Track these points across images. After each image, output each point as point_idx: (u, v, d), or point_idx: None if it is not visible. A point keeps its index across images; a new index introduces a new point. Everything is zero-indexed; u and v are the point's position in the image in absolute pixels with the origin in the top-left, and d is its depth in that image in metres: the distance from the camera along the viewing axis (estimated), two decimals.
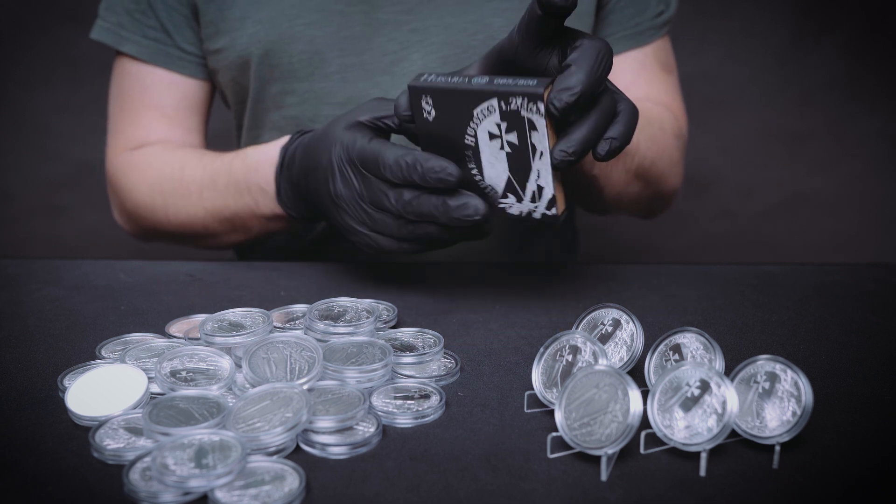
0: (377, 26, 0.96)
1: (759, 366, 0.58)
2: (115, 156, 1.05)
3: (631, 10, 1.02)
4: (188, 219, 0.96)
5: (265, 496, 0.52)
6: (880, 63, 1.97)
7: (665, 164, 0.97)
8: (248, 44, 0.97)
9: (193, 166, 0.95)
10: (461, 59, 0.96)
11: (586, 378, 0.57)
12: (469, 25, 0.96)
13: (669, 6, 1.05)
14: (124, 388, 0.62)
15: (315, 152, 0.77)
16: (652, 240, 2.02)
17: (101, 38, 1.03)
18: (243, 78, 1.00)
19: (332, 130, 0.75)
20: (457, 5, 0.96)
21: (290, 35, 0.96)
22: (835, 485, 0.54)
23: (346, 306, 0.72)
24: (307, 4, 0.95)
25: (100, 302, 0.80)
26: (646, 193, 0.97)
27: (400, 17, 0.96)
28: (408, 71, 0.97)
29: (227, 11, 0.97)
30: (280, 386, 0.60)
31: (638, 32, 1.03)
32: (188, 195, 0.94)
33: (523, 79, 0.64)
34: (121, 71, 1.05)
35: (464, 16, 0.96)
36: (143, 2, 1.00)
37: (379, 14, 0.96)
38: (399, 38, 0.96)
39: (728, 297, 0.82)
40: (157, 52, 1.01)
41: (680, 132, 1.03)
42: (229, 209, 0.91)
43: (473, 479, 0.54)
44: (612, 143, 0.67)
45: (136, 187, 1.00)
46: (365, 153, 0.71)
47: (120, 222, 1.08)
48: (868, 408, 0.63)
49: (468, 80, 0.66)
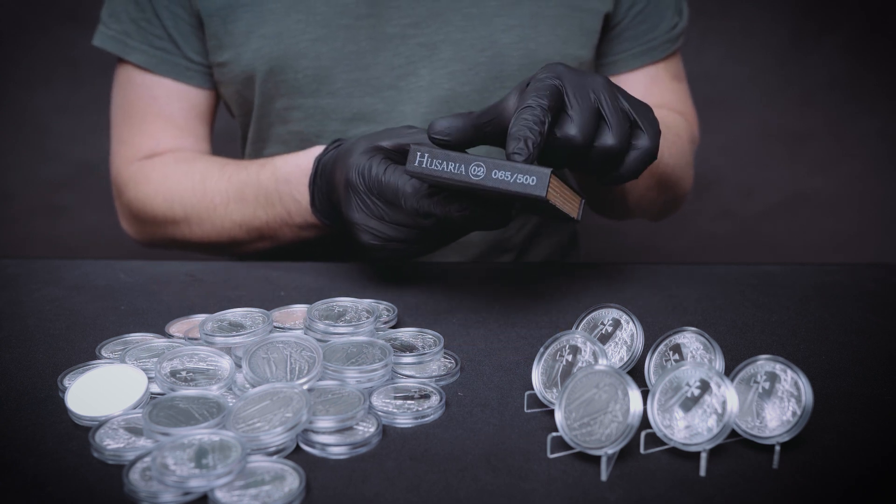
0: (384, 40, 0.96)
1: (759, 366, 0.58)
2: (124, 166, 1.03)
3: (645, 27, 1.03)
4: (214, 231, 0.95)
5: (265, 496, 0.52)
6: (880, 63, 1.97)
7: (681, 170, 0.99)
8: (253, 59, 0.96)
9: (216, 178, 0.94)
10: (468, 75, 0.96)
11: (586, 378, 0.57)
12: (477, 42, 0.96)
13: (682, 17, 1.05)
14: (124, 388, 0.62)
15: (334, 172, 0.77)
16: (652, 240, 2.02)
17: (105, 45, 1.01)
18: (248, 92, 0.99)
19: (353, 152, 0.75)
20: (465, 21, 0.96)
21: (295, 51, 0.95)
22: (835, 485, 0.54)
23: (346, 306, 0.72)
24: (313, 19, 0.94)
25: (100, 302, 0.80)
26: (662, 198, 0.99)
27: (407, 31, 0.96)
28: (414, 86, 0.97)
29: (231, 25, 0.96)
30: (280, 386, 0.60)
31: (652, 48, 1.04)
32: (213, 208, 0.93)
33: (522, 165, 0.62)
34: (126, 80, 1.02)
35: (472, 31, 0.96)
36: (148, 10, 0.98)
37: (386, 28, 0.95)
38: (406, 53, 0.96)
39: (728, 297, 0.82)
40: (165, 62, 1.00)
41: (693, 137, 1.05)
42: (259, 220, 0.90)
43: (473, 479, 0.54)
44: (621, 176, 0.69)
45: (151, 200, 0.98)
46: (381, 184, 0.71)
47: (129, 231, 1.06)
48: (868, 408, 0.63)
49: (464, 167, 0.63)
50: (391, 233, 0.73)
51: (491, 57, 0.96)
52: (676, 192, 1.01)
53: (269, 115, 1.00)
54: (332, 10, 0.94)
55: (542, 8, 0.96)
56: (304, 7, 0.94)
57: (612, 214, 1.03)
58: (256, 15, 0.95)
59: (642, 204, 0.97)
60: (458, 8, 0.95)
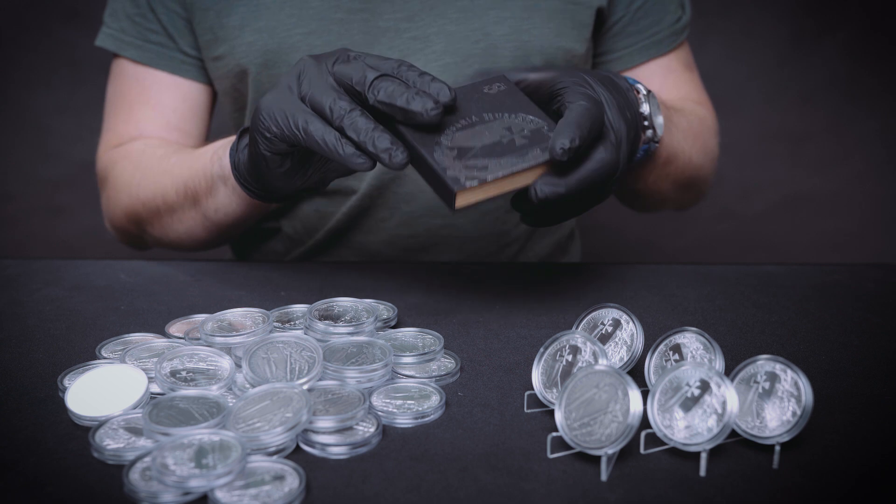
0: (377, 34, 0.96)
1: (759, 366, 0.58)
2: (103, 152, 1.03)
3: (648, 21, 1.03)
4: (151, 194, 0.92)
5: (265, 496, 0.52)
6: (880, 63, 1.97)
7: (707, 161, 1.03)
8: (247, 53, 0.96)
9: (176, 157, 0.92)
10: (462, 67, 0.96)
11: (586, 378, 0.57)
12: (471, 34, 0.96)
13: (686, 10, 1.06)
14: (124, 388, 0.62)
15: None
16: (652, 240, 2.02)
17: (103, 44, 1.02)
18: (242, 86, 1.00)
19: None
20: (459, 13, 0.96)
21: (288, 44, 0.95)
22: (835, 485, 0.54)
23: (346, 306, 0.72)
24: (306, 13, 0.95)
25: (100, 302, 0.80)
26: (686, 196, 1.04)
27: (401, 25, 0.96)
28: None
29: (225, 19, 0.96)
30: (280, 386, 0.60)
31: (657, 41, 1.04)
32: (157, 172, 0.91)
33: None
34: (119, 72, 1.03)
35: (465, 24, 0.96)
36: (143, 6, 0.99)
37: (379, 22, 0.96)
38: (399, 46, 0.96)
39: (728, 297, 0.82)
40: (160, 57, 1.00)
41: (715, 126, 1.08)
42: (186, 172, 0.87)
43: (473, 479, 0.54)
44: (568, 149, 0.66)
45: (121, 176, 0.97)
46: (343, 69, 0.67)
47: (108, 226, 1.04)
48: (868, 408, 0.63)
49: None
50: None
51: (484, 49, 0.96)
52: (701, 188, 1.05)
53: None
54: (325, 5, 0.95)
55: (535, 1, 0.97)
56: (297, 1, 0.95)
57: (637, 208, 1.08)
58: (250, 9, 0.95)
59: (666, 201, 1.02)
60: (451, 1, 0.96)
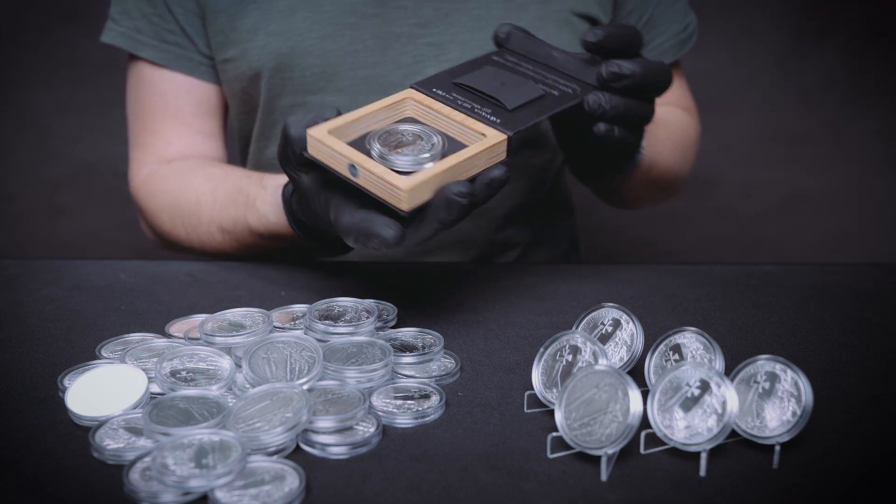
0: (391, 39, 0.96)
1: (759, 366, 0.58)
2: (137, 170, 1.04)
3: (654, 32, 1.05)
4: (201, 244, 0.96)
5: (265, 496, 0.52)
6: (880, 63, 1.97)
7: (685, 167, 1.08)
8: (260, 56, 0.96)
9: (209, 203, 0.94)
10: None
11: (586, 378, 0.57)
12: (485, 43, 0.96)
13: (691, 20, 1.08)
14: (124, 388, 0.62)
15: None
16: (652, 240, 2.02)
17: (115, 42, 1.01)
18: (253, 89, 0.99)
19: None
20: (473, 21, 0.96)
21: (302, 48, 0.95)
22: (835, 485, 0.54)
23: (346, 306, 0.72)
24: (319, 17, 0.95)
25: (100, 302, 0.80)
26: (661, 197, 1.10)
27: (415, 31, 0.96)
28: None
29: (238, 22, 0.96)
30: (280, 386, 0.60)
31: (662, 52, 1.06)
32: (200, 225, 0.95)
33: None
34: (137, 78, 1.03)
35: (480, 32, 0.96)
36: (160, 5, 0.98)
37: (393, 27, 0.96)
38: (413, 52, 0.96)
39: (728, 297, 0.82)
40: (178, 58, 1.00)
41: (697, 133, 1.12)
42: (229, 217, 0.90)
43: (473, 479, 0.54)
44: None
45: (157, 215, 1.00)
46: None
47: (149, 237, 1.08)
48: (868, 408, 0.63)
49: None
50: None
51: None
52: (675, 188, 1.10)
53: (275, 113, 1.00)
54: (339, 9, 0.95)
55: (547, 12, 0.97)
56: (310, 5, 0.95)
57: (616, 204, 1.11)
58: (264, 12, 0.95)
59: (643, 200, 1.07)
60: (465, 10, 0.96)
